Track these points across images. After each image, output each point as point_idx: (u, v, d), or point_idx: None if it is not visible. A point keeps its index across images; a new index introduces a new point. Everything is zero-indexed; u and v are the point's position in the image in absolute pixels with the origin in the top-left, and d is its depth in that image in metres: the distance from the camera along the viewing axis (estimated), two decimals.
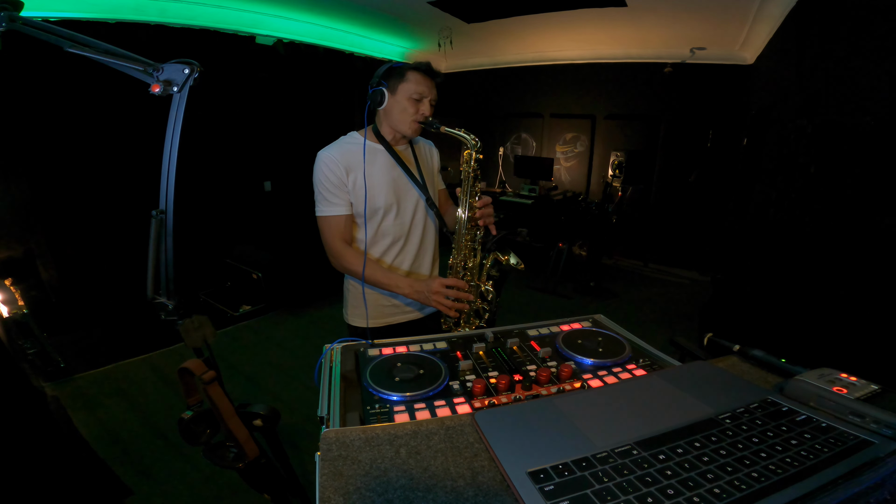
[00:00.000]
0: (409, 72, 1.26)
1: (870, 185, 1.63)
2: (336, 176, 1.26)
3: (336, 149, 1.29)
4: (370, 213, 1.30)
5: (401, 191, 1.34)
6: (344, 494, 0.47)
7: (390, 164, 1.33)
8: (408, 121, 1.27)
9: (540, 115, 5.68)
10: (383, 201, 1.30)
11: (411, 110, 1.26)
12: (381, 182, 1.30)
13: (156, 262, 0.96)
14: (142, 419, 2.29)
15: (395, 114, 1.28)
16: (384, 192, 1.30)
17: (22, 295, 2.70)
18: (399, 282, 1.26)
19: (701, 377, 0.68)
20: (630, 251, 5.32)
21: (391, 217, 1.33)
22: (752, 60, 4.11)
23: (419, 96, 1.26)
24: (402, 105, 1.26)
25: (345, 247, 1.30)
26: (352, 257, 1.29)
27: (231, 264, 3.86)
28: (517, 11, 3.97)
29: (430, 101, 1.28)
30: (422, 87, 1.26)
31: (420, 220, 1.40)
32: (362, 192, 1.27)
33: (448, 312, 1.21)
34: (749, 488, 0.44)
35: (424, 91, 1.26)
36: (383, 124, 1.33)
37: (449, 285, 1.19)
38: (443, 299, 1.18)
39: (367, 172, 1.27)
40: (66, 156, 3.12)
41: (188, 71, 0.89)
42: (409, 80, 1.25)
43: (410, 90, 1.25)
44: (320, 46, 4.55)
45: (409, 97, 1.25)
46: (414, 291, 1.24)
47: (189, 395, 1.02)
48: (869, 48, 1.76)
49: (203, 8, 3.54)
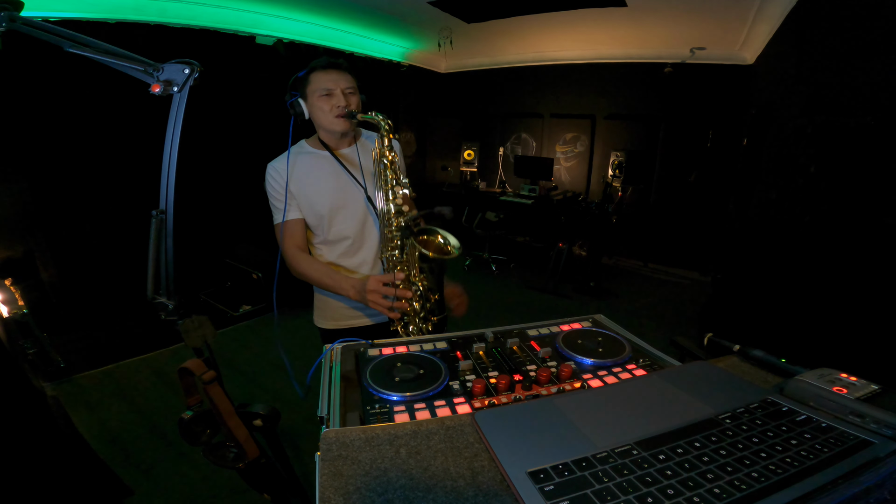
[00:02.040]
0: (311, 74, 1.26)
1: (870, 185, 1.63)
2: (280, 184, 1.29)
3: (279, 159, 1.33)
4: (316, 219, 1.33)
5: (348, 194, 1.34)
6: (344, 494, 0.47)
7: (335, 169, 1.34)
8: (328, 118, 1.27)
9: (540, 115, 5.68)
10: (327, 207, 1.31)
11: (326, 107, 1.26)
12: (324, 187, 1.31)
13: (156, 262, 0.96)
14: (142, 419, 2.29)
15: (316, 116, 1.29)
16: (328, 197, 1.31)
17: (22, 295, 2.70)
18: (343, 283, 1.23)
19: (701, 377, 0.68)
20: (630, 251, 5.32)
21: (339, 221, 1.34)
22: (752, 60, 4.11)
23: (327, 91, 1.25)
24: (317, 105, 1.26)
25: (297, 252, 1.32)
26: (304, 263, 1.31)
27: (231, 264, 3.86)
28: (517, 11, 3.97)
29: (343, 91, 1.26)
30: (325, 82, 1.25)
31: (373, 223, 1.38)
32: (304, 197, 1.31)
33: (388, 314, 1.14)
34: (749, 488, 0.44)
35: (330, 84, 1.25)
36: (318, 128, 1.35)
37: (386, 282, 1.12)
38: (378, 298, 1.12)
39: (308, 180, 1.30)
40: (67, 156, 3.12)
41: (188, 71, 0.89)
42: (312, 81, 1.26)
43: (317, 86, 1.25)
44: (320, 46, 4.56)
45: (318, 96, 1.25)
46: (356, 293, 1.18)
47: (189, 395, 1.01)
48: (869, 48, 1.75)
49: (203, 8, 3.54)
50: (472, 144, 5.79)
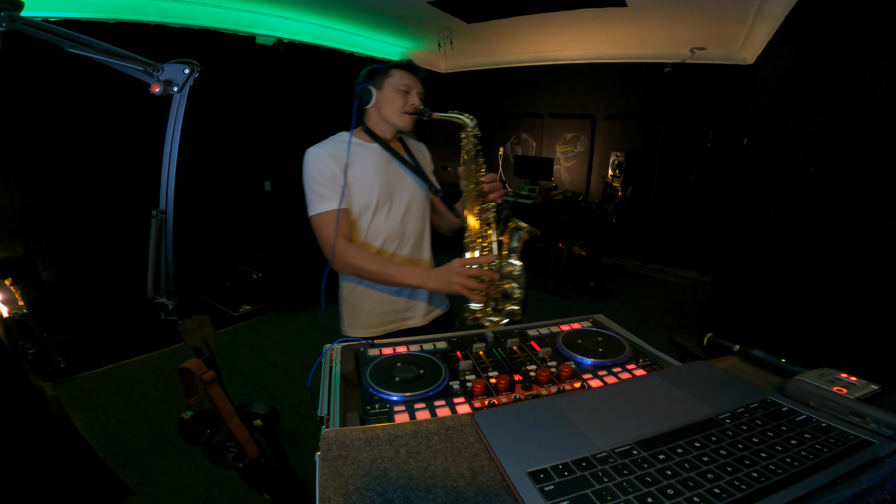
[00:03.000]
0: (393, 69, 1.27)
1: (870, 186, 1.63)
2: (329, 169, 1.22)
3: (325, 145, 1.27)
4: (361, 209, 1.27)
5: (393, 188, 1.31)
6: (344, 494, 0.47)
7: (384, 161, 1.30)
8: (398, 112, 1.26)
9: (540, 115, 5.68)
10: (375, 197, 1.26)
11: (400, 101, 1.26)
12: (374, 178, 1.27)
13: (156, 262, 0.96)
14: (142, 419, 2.29)
15: (385, 107, 1.27)
16: (376, 188, 1.27)
17: (22, 295, 2.70)
18: (411, 271, 1.17)
19: (701, 377, 0.68)
20: (630, 251, 5.32)
21: (382, 215, 1.29)
22: (752, 60, 4.11)
23: (406, 88, 1.26)
24: (391, 98, 1.26)
25: (347, 243, 1.22)
26: (356, 253, 1.21)
27: (231, 264, 3.86)
28: (517, 11, 3.97)
29: (417, 93, 1.28)
30: (407, 79, 1.26)
31: (414, 218, 1.35)
32: (354, 189, 1.25)
33: (473, 297, 1.08)
34: (749, 488, 0.44)
35: (410, 83, 1.27)
36: (375, 121, 1.31)
37: (470, 264, 1.08)
38: (465, 280, 1.06)
39: (357, 169, 1.25)
40: (67, 156, 3.12)
41: (188, 71, 0.90)
42: (393, 76, 1.26)
43: (396, 83, 1.26)
44: (320, 46, 4.56)
45: (396, 89, 1.25)
46: (430, 279, 1.13)
47: (189, 395, 1.02)
48: (869, 48, 1.75)
49: (203, 8, 3.54)
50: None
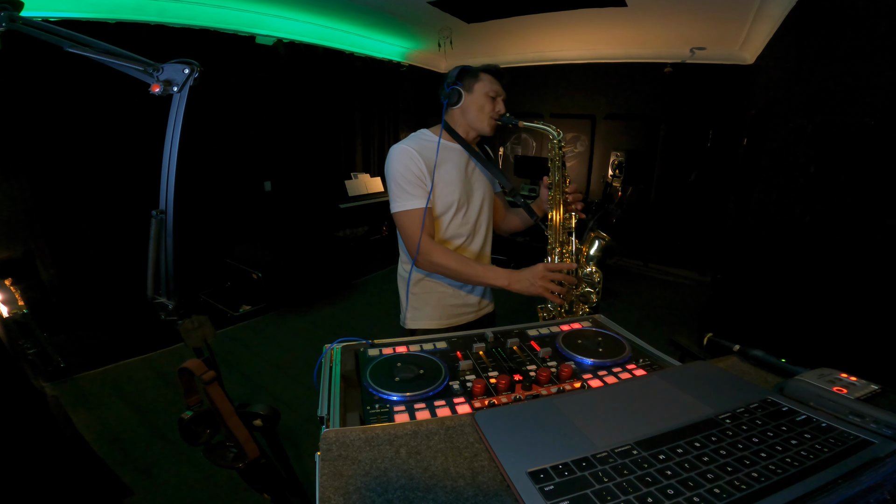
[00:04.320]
0: (482, 73, 1.30)
1: (870, 186, 1.63)
2: (417, 167, 1.25)
3: (412, 143, 1.29)
4: (441, 211, 1.31)
5: (471, 189, 1.36)
6: (344, 494, 0.47)
7: (464, 162, 1.35)
8: (485, 118, 1.30)
9: (540, 115, 5.68)
10: (456, 198, 1.31)
11: (489, 107, 1.29)
12: (456, 180, 1.31)
13: (156, 262, 0.96)
14: (142, 419, 2.29)
15: (473, 112, 1.30)
16: (457, 189, 1.31)
17: (22, 295, 2.70)
18: (497, 273, 1.22)
19: (701, 377, 0.68)
20: (630, 251, 5.32)
21: (460, 216, 1.34)
22: (752, 60, 4.11)
23: (495, 94, 1.29)
24: (480, 102, 1.29)
25: (432, 242, 1.26)
26: (442, 252, 1.24)
27: (231, 264, 3.86)
28: (517, 11, 3.97)
29: (502, 100, 1.32)
30: (496, 86, 1.29)
31: (485, 218, 1.42)
32: (438, 188, 1.28)
33: (553, 299, 1.18)
34: (749, 488, 0.44)
35: (499, 90, 1.30)
36: (458, 121, 1.34)
37: (553, 269, 1.16)
38: (549, 284, 1.15)
39: (443, 170, 1.29)
40: (67, 156, 3.12)
41: (188, 71, 0.89)
42: (483, 80, 1.29)
43: (487, 88, 1.28)
44: (320, 46, 4.56)
45: (485, 94, 1.28)
46: (514, 281, 1.19)
47: (189, 395, 1.01)
48: (869, 48, 1.76)
49: (203, 8, 3.54)
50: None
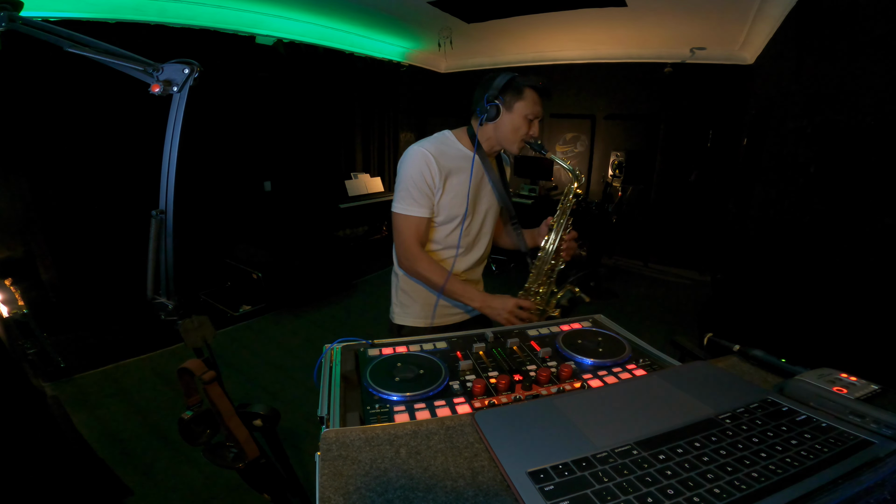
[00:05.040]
0: (528, 90, 1.23)
1: (870, 186, 1.63)
2: (431, 176, 1.23)
3: (434, 148, 1.25)
4: (447, 219, 1.30)
5: (479, 201, 1.35)
6: (344, 494, 0.47)
7: (479, 175, 1.32)
8: (517, 140, 1.26)
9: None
10: (462, 210, 1.30)
11: (524, 129, 1.25)
12: (466, 191, 1.29)
13: (156, 262, 0.96)
14: (142, 419, 2.29)
15: (507, 130, 1.26)
16: (466, 201, 1.29)
17: (22, 295, 2.69)
18: (473, 294, 1.27)
19: (701, 377, 0.68)
20: (630, 251, 5.32)
21: (462, 227, 1.33)
22: (752, 60, 4.11)
23: (534, 116, 1.25)
24: (517, 123, 1.24)
25: (422, 251, 1.28)
26: (428, 264, 1.27)
27: (231, 264, 3.86)
28: (517, 11, 3.97)
29: (538, 122, 1.28)
30: (538, 107, 1.25)
31: (487, 231, 1.42)
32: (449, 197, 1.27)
33: None
34: (749, 488, 0.44)
35: (539, 112, 1.25)
36: (487, 136, 1.30)
37: (523, 307, 1.21)
38: (514, 319, 1.20)
39: (455, 181, 1.27)
40: (66, 155, 3.12)
41: (188, 71, 0.90)
42: (526, 100, 1.23)
43: (527, 110, 1.23)
44: (320, 46, 4.56)
45: (524, 116, 1.24)
46: (486, 306, 1.25)
47: (189, 395, 1.02)
48: (869, 48, 1.75)
49: (203, 8, 3.54)
50: None
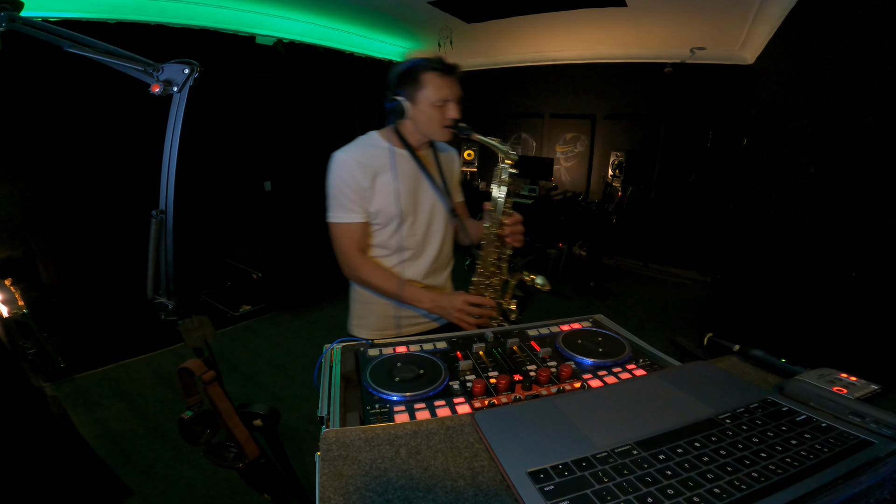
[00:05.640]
0: (425, 75, 1.14)
1: (870, 186, 1.63)
2: (356, 181, 1.17)
3: (356, 151, 1.20)
4: (385, 221, 1.23)
5: (418, 199, 1.27)
6: (344, 494, 0.47)
7: (413, 170, 1.25)
8: (437, 128, 1.19)
9: (540, 115, 5.68)
10: (399, 209, 1.22)
11: (438, 116, 1.17)
12: (399, 190, 1.22)
13: (156, 262, 0.96)
14: (142, 419, 2.29)
15: (422, 122, 1.19)
16: (402, 200, 1.22)
17: (22, 295, 2.70)
18: (420, 296, 1.21)
19: (701, 377, 0.68)
20: (630, 251, 5.32)
21: (405, 227, 1.26)
22: (752, 60, 4.11)
23: (442, 102, 1.15)
24: (428, 114, 1.16)
25: (362, 257, 1.23)
26: (370, 269, 1.22)
27: (231, 264, 3.86)
28: (517, 11, 3.97)
29: (455, 103, 1.18)
30: (442, 90, 1.14)
31: (437, 230, 1.33)
32: (381, 198, 1.20)
33: (468, 328, 1.16)
34: (749, 488, 0.44)
35: (446, 93, 1.15)
36: (410, 130, 1.23)
37: (473, 302, 1.16)
38: (465, 316, 1.16)
39: (385, 179, 1.20)
40: (66, 156, 3.12)
41: (188, 71, 0.89)
42: (427, 86, 1.14)
43: (433, 96, 1.14)
44: (320, 46, 4.56)
45: (431, 104, 1.15)
46: (436, 306, 1.20)
47: (189, 395, 1.01)
48: (869, 48, 1.75)
49: (203, 8, 3.54)
50: (472, 145, 5.79)
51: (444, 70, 1.15)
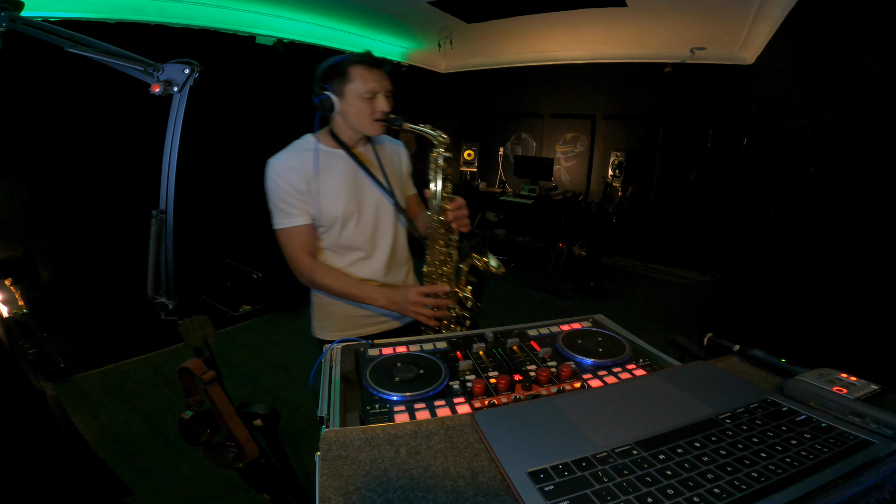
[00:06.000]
0: (352, 68, 1.14)
1: (870, 185, 1.63)
2: (289, 185, 1.17)
3: (287, 155, 1.20)
4: (328, 222, 1.22)
5: (361, 197, 1.25)
6: (344, 494, 0.47)
7: (350, 169, 1.24)
8: (367, 122, 1.18)
9: (540, 115, 5.68)
10: (341, 210, 1.21)
11: (367, 110, 1.16)
12: (339, 189, 1.21)
13: (156, 262, 0.96)
14: (142, 419, 2.29)
15: (352, 117, 1.18)
16: (342, 199, 1.21)
17: (22, 295, 2.70)
18: (373, 293, 1.19)
19: (701, 377, 0.68)
20: (630, 251, 5.32)
21: (351, 226, 1.24)
22: (752, 60, 4.11)
23: (371, 94, 1.15)
24: (356, 107, 1.16)
25: (312, 261, 1.22)
26: (322, 272, 1.21)
27: (231, 264, 3.86)
28: (517, 11, 3.98)
29: (384, 95, 1.17)
30: (370, 83, 1.14)
31: (386, 227, 1.31)
32: (318, 200, 1.18)
33: (428, 322, 1.16)
34: (749, 488, 0.44)
35: (375, 86, 1.15)
36: (342, 127, 1.23)
37: (427, 293, 1.14)
38: (421, 309, 1.14)
39: (323, 179, 1.19)
40: (66, 156, 3.12)
41: (188, 71, 0.89)
42: (354, 80, 1.14)
43: (359, 90, 1.14)
44: (320, 46, 4.56)
45: (360, 96, 1.14)
46: (390, 303, 1.18)
47: (189, 395, 1.02)
48: (869, 48, 1.76)
49: (203, 8, 3.54)
50: (472, 144, 5.79)
51: (371, 63, 1.16)
